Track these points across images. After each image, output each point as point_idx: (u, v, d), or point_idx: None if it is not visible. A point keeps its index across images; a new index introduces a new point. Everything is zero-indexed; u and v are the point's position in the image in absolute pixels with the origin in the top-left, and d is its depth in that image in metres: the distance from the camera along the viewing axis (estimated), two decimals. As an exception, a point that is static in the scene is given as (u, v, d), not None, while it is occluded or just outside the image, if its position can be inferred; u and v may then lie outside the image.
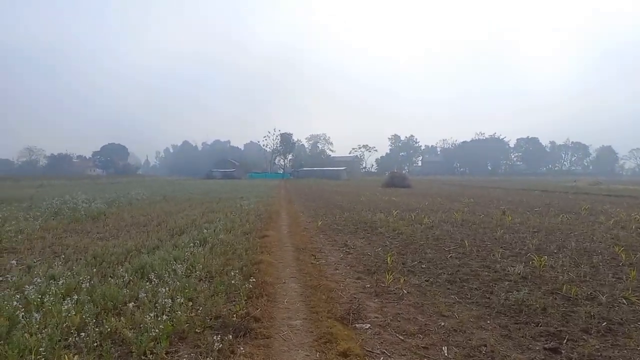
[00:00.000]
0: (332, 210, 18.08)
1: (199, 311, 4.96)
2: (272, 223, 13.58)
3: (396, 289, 6.20)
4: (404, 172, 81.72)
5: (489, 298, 5.82)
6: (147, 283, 5.89)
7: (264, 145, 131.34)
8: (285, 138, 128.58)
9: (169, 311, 4.76)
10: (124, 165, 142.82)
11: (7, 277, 6.34)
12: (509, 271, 7.20)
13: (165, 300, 5.04)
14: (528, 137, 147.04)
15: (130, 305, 4.90)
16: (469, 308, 5.41)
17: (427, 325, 4.80)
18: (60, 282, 5.79)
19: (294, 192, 36.39)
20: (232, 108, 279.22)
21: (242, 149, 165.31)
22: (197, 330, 4.53)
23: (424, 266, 7.74)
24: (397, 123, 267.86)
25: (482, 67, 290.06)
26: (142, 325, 4.36)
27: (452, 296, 5.91)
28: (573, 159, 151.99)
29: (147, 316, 4.51)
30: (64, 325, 4.43)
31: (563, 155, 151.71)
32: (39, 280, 5.88)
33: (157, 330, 4.20)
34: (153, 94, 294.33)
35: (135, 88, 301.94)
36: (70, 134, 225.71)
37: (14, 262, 7.46)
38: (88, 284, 5.81)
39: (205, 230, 11.13)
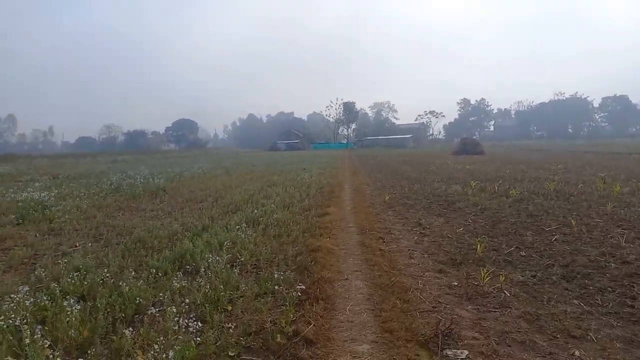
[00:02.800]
0: (400, 182, 16.47)
1: (236, 324, 3.80)
2: (335, 197, 12.31)
3: (494, 289, 4.68)
4: (475, 137, 76.92)
5: (632, 306, 4.15)
6: (180, 280, 4.82)
7: (326, 115, 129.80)
8: (348, 107, 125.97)
9: (194, 326, 3.63)
10: (194, 139, 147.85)
11: (36, 267, 5.59)
12: (645, 262, 5.42)
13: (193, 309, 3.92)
14: (615, 95, 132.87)
15: (149, 313, 3.84)
16: (607, 323, 3.81)
17: (553, 356, 3.30)
18: (84, 275, 4.92)
19: (358, 162, 34.90)
20: (296, 81, 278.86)
21: (306, 120, 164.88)
22: (230, 353, 3.37)
23: (523, 254, 6.10)
24: (466, 87, 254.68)
25: (558, 25, 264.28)
26: (157, 346, 3.26)
27: (575, 302, 4.30)
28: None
29: (166, 334, 3.41)
30: (66, 343, 3.45)
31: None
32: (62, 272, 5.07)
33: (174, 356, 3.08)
34: (221, 71, 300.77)
35: (205, 67, 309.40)
36: (146, 111, 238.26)
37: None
38: (113, 280, 4.88)
39: (262, 207, 10.11)
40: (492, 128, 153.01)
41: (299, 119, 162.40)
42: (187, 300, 4.27)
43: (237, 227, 7.79)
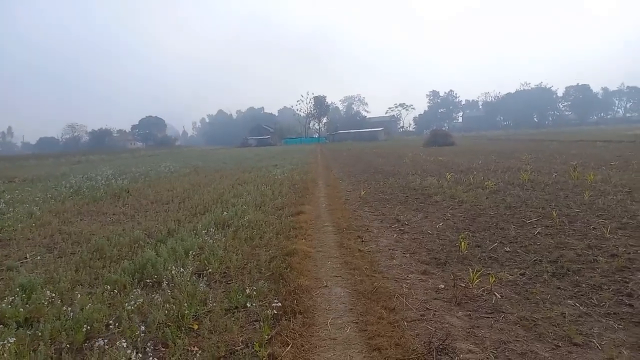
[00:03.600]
0: (375, 176, 16.18)
1: (202, 347, 3.33)
2: (309, 195, 11.87)
3: (484, 291, 4.35)
4: (444, 129, 77.79)
5: (630, 305, 3.89)
6: (138, 296, 4.30)
7: (297, 110, 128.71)
8: (319, 101, 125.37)
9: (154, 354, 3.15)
10: (163, 137, 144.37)
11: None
12: (632, 253, 5.21)
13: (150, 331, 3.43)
14: (578, 84, 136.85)
15: (97, 345, 3.31)
16: (608, 326, 3.52)
17: (558, 368, 2.98)
18: (29, 295, 4.34)
19: (331, 156, 34.54)
20: (266, 78, 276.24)
21: (277, 115, 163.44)
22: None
23: (508, 249, 5.83)
24: (435, 78, 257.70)
25: (523, 9, 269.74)
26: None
27: (570, 302, 4.01)
28: (628, 105, 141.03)
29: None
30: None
31: (616, 102, 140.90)
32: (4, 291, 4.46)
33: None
34: (189, 69, 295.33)
35: (173, 64, 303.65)
36: (111, 110, 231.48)
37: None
38: (62, 299, 4.32)
39: (232, 208, 9.60)
40: (460, 119, 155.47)
41: (270, 115, 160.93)
42: (147, 320, 3.79)
43: (205, 230, 7.28)
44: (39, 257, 6.32)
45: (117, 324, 3.72)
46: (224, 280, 5.04)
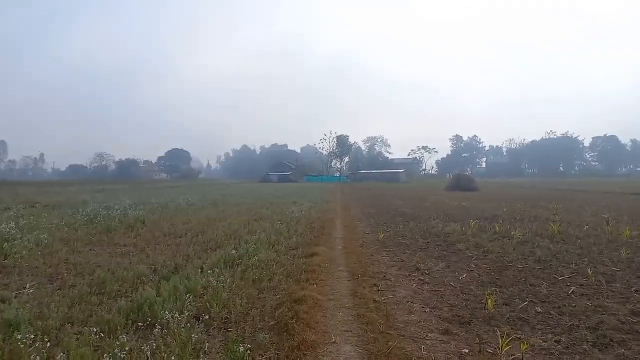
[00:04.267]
0: (395, 219, 15.66)
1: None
2: (325, 235, 11.44)
3: (514, 360, 3.82)
4: (467, 174, 76.75)
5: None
6: (125, 342, 3.90)
7: (320, 149, 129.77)
8: (342, 140, 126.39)
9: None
10: (187, 169, 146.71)
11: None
12: (686, 326, 4.59)
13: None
14: (605, 135, 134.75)
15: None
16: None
17: None
18: (12, 334, 4.00)
19: (351, 196, 34.13)
20: (292, 116, 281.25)
21: (299, 152, 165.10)
22: None
23: (540, 310, 5.26)
24: (459, 123, 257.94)
25: (547, 71, 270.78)
26: None
27: (618, 382, 3.45)
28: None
29: None
30: None
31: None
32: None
33: None
34: (217, 102, 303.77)
35: (200, 98, 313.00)
36: (139, 140, 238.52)
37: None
38: (48, 340, 3.95)
39: (245, 245, 9.24)
40: (484, 165, 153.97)
41: (293, 152, 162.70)
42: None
43: (212, 270, 6.91)
44: (35, 289, 6.02)
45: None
46: (224, 327, 4.61)
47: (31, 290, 6.01)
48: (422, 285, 6.54)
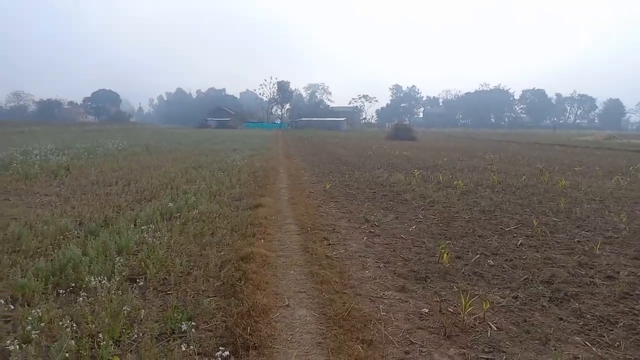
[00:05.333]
0: (339, 167, 15.42)
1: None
2: (269, 184, 10.95)
3: (476, 320, 3.65)
4: (406, 123, 78.15)
5: (650, 346, 3.30)
6: (44, 312, 3.30)
7: (260, 94, 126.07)
8: (283, 87, 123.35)
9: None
10: (116, 112, 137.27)
11: None
12: (630, 275, 4.69)
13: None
14: (534, 88, 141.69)
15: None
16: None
17: None
18: None
19: (293, 144, 33.56)
20: (229, 57, 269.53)
21: (239, 97, 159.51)
22: None
23: (492, 262, 5.19)
24: (398, 72, 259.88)
25: (488, 19, 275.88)
26: None
27: (579, 339, 3.37)
28: (579, 112, 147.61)
29: None
30: None
31: (568, 108, 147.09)
32: None
33: None
34: (149, 40, 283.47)
35: (131, 33, 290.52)
36: (62, 80, 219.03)
37: None
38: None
39: (183, 195, 8.58)
40: (421, 115, 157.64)
41: (232, 97, 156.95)
42: (51, 347, 2.83)
43: (148, 223, 6.27)
44: None
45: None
46: (162, 290, 4.09)
47: None
48: (373, 238, 6.31)
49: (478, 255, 5.43)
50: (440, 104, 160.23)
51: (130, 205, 7.88)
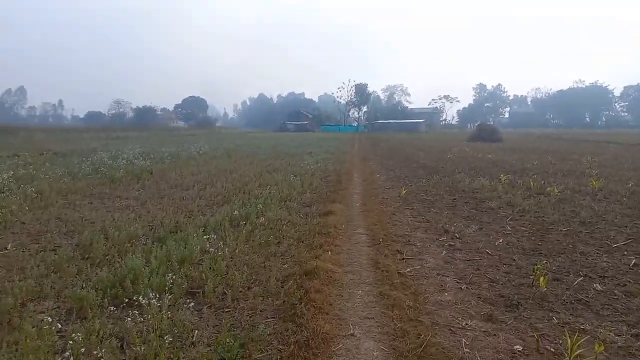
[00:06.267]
0: (416, 172, 14.64)
1: None
2: (341, 190, 10.54)
3: (586, 366, 2.95)
4: (490, 123, 73.95)
5: None
6: (101, 326, 3.14)
7: (338, 97, 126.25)
8: (360, 89, 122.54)
9: None
10: (203, 118, 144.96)
11: None
12: None
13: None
14: (638, 84, 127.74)
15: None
16: None
17: None
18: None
19: (369, 146, 32.97)
20: (309, 63, 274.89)
21: (317, 101, 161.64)
22: None
23: (599, 288, 4.34)
24: (483, 71, 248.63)
25: (581, 10, 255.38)
26: None
27: None
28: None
29: None
30: None
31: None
32: None
33: None
34: (233, 48, 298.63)
35: (217, 42, 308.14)
36: (157, 87, 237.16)
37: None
38: None
39: (254, 200, 8.47)
40: (507, 115, 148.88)
41: (310, 100, 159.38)
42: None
43: (216, 229, 6.16)
44: (16, 250, 5.34)
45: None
46: (220, 307, 3.83)
47: (12, 251, 5.35)
48: (453, 252, 5.65)
49: (581, 278, 4.59)
50: (529, 103, 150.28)
51: (202, 210, 7.88)
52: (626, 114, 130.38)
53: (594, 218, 7.38)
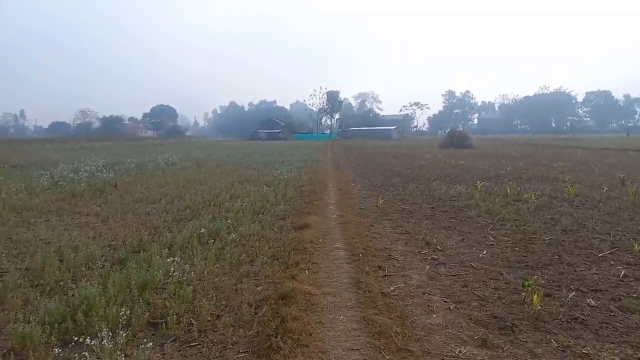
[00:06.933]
0: (391, 180, 14.41)
1: None
2: (316, 200, 10.15)
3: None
4: (460, 130, 75.10)
5: None
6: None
7: (310, 105, 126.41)
8: (332, 96, 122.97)
9: None
10: (173, 127, 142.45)
11: None
12: None
13: None
14: (599, 90, 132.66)
15: None
16: None
17: None
18: None
19: (342, 154, 32.76)
20: (280, 69, 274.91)
21: (289, 109, 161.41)
22: None
23: (593, 304, 4.10)
24: (451, 78, 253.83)
25: (545, 19, 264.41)
26: None
27: None
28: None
29: None
30: None
31: (638, 110, 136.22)
32: None
33: None
34: (203, 56, 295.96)
35: (186, 50, 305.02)
36: (124, 96, 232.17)
37: None
38: None
39: (225, 214, 8.01)
40: (476, 121, 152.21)
41: (282, 108, 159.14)
42: None
43: (183, 247, 5.69)
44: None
45: None
46: (185, 341, 3.38)
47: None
48: (437, 267, 5.34)
49: (573, 293, 4.34)
50: (496, 109, 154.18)
51: (169, 226, 7.37)
52: (589, 119, 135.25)
53: (574, 226, 7.23)
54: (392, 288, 4.56)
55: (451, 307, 4.08)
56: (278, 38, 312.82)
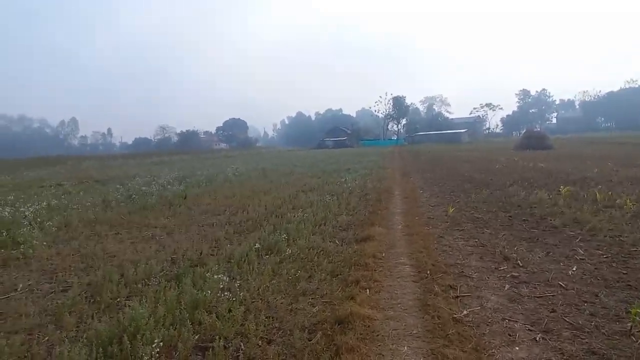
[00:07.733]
0: (463, 186, 13.52)
1: None
2: (381, 210, 9.65)
3: None
4: (538, 130, 70.52)
5: None
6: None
7: (375, 111, 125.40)
8: (398, 102, 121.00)
9: None
10: (244, 139, 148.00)
11: None
12: None
13: None
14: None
15: None
16: None
17: None
18: None
19: (410, 160, 31.79)
20: (345, 79, 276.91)
21: (354, 116, 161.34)
22: None
23: None
24: (525, 76, 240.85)
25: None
26: None
27: None
28: None
29: None
30: None
31: None
32: None
33: None
34: (272, 68, 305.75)
35: (255, 64, 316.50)
36: (200, 111, 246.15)
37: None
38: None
39: (286, 225, 7.79)
40: (554, 120, 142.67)
41: (348, 116, 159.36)
42: None
43: (240, 261, 5.50)
44: (26, 291, 4.88)
45: None
46: (231, 370, 3.10)
47: (19, 293, 4.89)
48: (518, 286, 4.68)
49: (695, 324, 3.55)
50: (577, 107, 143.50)
51: (230, 238, 7.26)
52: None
53: (684, 237, 6.18)
54: (465, 312, 4.00)
55: (537, 338, 3.47)
56: (342, 45, 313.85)
